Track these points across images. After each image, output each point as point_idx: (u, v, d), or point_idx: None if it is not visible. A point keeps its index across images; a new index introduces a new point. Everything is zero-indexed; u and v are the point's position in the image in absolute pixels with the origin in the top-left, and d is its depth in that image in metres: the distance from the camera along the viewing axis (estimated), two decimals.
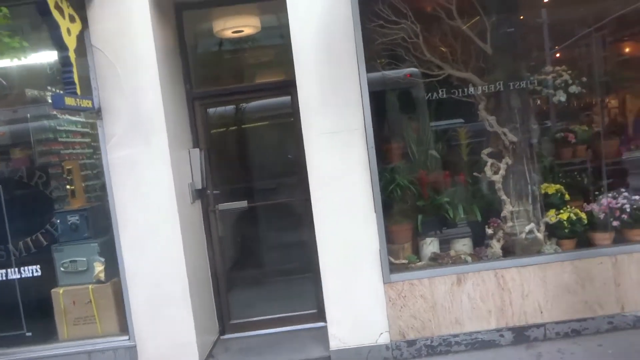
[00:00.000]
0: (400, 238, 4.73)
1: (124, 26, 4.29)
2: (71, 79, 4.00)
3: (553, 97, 4.86)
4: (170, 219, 4.37)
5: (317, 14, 4.28)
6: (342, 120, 4.32)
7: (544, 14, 5.45)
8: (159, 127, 4.32)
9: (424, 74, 4.71)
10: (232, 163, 5.92)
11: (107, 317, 4.59)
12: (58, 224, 4.65)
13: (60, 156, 5.11)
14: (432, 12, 4.62)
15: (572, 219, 4.59)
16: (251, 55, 5.72)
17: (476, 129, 5.00)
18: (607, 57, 5.59)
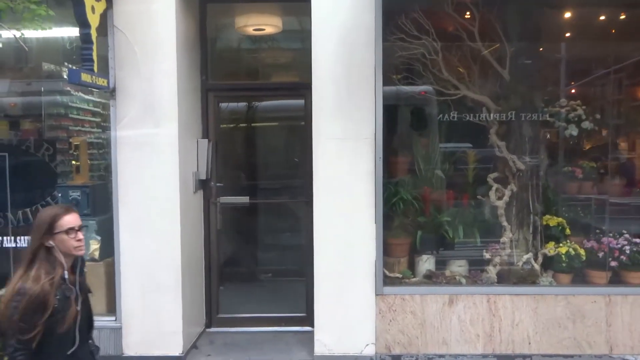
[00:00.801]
0: (397, 252, 4.72)
1: (147, 10, 4.32)
2: (90, 56, 4.02)
3: (565, 131, 4.87)
4: (171, 205, 4.37)
5: (340, 21, 4.30)
6: (353, 128, 4.33)
7: (564, 49, 5.46)
8: (170, 113, 4.34)
9: (439, 92, 4.73)
10: (238, 158, 5.94)
11: (96, 295, 4.41)
12: (59, 197, 4.66)
13: (69, 132, 5.14)
14: (454, 32, 4.65)
15: (571, 254, 4.58)
16: (269, 54, 5.75)
17: (484, 154, 5.01)
18: (622, 100, 5.59)
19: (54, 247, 2.27)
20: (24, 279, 2.20)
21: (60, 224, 2.29)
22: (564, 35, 5.37)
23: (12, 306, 2.15)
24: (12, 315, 2.15)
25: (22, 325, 2.14)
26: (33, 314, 2.15)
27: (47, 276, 2.22)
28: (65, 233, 2.29)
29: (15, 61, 5.35)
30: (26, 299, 2.14)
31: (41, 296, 2.16)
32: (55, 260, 2.27)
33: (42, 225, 2.28)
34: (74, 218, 2.35)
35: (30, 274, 2.21)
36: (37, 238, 2.27)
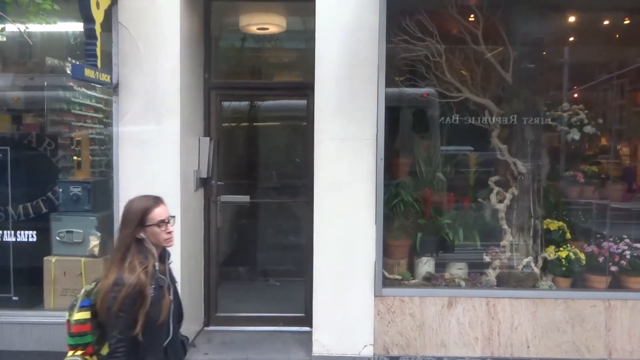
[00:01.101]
0: (397, 253, 4.72)
1: (152, 7, 4.32)
2: (93, 51, 4.03)
3: (567, 135, 4.86)
4: (172, 202, 4.22)
5: (344, 21, 4.30)
6: (355, 129, 4.32)
7: (567, 54, 5.47)
8: (173, 111, 4.34)
9: (442, 94, 4.73)
10: (239, 157, 5.94)
11: None
12: (60, 192, 4.66)
13: (71, 127, 5.14)
14: (458, 35, 4.66)
15: (571, 258, 4.58)
16: (272, 54, 5.75)
17: (485, 157, 5.01)
18: (624, 105, 5.59)
19: (145, 239, 2.27)
20: (120, 270, 2.19)
21: (152, 217, 2.29)
22: (568, 40, 5.38)
23: (111, 297, 2.14)
24: (110, 306, 2.14)
25: (122, 316, 2.13)
26: (132, 305, 2.14)
27: (141, 266, 2.22)
28: (157, 225, 2.30)
29: (19, 55, 5.36)
30: (124, 289, 2.14)
31: (138, 286, 2.16)
32: (147, 251, 2.27)
33: (134, 218, 2.28)
34: (164, 210, 2.36)
35: (124, 265, 2.20)
36: (130, 230, 2.27)
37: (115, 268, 2.21)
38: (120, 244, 2.27)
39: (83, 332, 2.25)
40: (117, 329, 2.14)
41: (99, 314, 2.22)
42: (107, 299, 2.15)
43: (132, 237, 2.26)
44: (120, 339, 2.14)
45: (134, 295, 2.14)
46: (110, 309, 2.14)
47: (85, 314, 2.24)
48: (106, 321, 2.18)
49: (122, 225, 2.31)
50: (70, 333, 2.26)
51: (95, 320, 2.25)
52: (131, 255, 2.23)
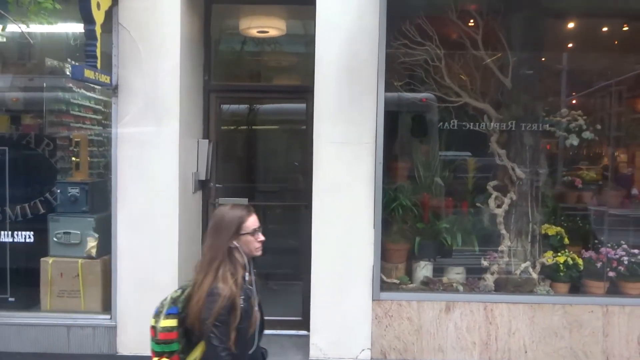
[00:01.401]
0: (395, 257, 4.71)
1: (152, 9, 4.33)
2: (93, 52, 4.03)
3: (565, 140, 4.87)
4: (170, 204, 4.36)
5: (344, 25, 4.30)
6: (354, 132, 4.33)
7: (566, 60, 5.49)
8: (172, 112, 4.34)
9: (441, 99, 4.75)
10: (238, 160, 5.93)
11: (92, 293, 4.56)
12: (58, 193, 4.64)
13: (70, 129, 5.13)
14: (458, 39, 4.68)
15: (569, 263, 4.58)
16: (272, 57, 5.76)
17: (484, 162, 5.01)
18: (623, 112, 5.62)
19: (237, 248, 2.25)
20: (214, 280, 2.17)
21: (246, 226, 2.27)
22: (567, 46, 5.42)
23: (206, 307, 2.12)
24: (206, 317, 2.11)
25: (219, 326, 2.11)
26: (227, 316, 2.12)
27: (232, 278, 2.19)
28: (251, 234, 2.28)
29: (18, 56, 5.36)
30: (220, 300, 2.11)
31: (231, 297, 2.14)
32: (237, 261, 2.25)
33: (230, 227, 2.25)
34: (255, 219, 2.33)
35: (218, 275, 2.18)
36: (225, 239, 2.24)
37: (209, 277, 2.18)
38: (213, 253, 2.23)
39: (170, 340, 2.21)
40: (216, 338, 2.12)
41: (188, 323, 2.19)
42: (202, 310, 2.13)
43: (226, 247, 2.23)
44: (222, 348, 2.12)
45: (228, 306, 2.12)
46: (205, 320, 2.12)
47: (172, 322, 2.20)
48: (200, 331, 2.16)
49: (215, 234, 2.27)
50: (157, 340, 2.22)
51: (182, 329, 2.22)
52: (223, 265, 2.21)
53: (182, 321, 2.20)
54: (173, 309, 2.21)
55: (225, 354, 2.12)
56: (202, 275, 2.20)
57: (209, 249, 2.25)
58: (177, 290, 2.29)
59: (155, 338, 2.21)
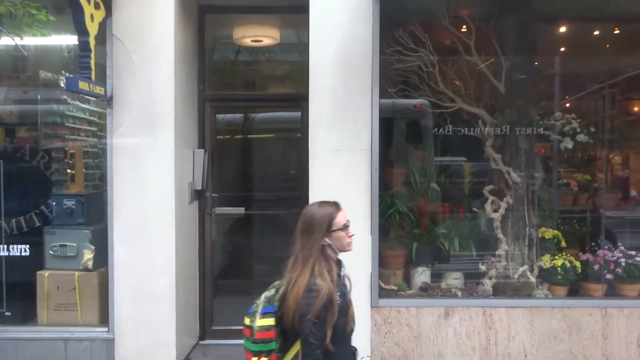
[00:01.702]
0: (393, 264, 4.70)
1: (146, 19, 4.33)
2: (88, 64, 4.03)
3: (560, 144, 4.89)
4: (167, 215, 4.35)
5: (338, 33, 4.32)
6: (350, 139, 4.33)
7: (559, 64, 5.53)
8: (167, 123, 4.34)
9: (435, 104, 4.76)
10: (234, 169, 5.92)
11: (89, 306, 4.52)
12: (53, 206, 4.60)
13: (65, 141, 5.13)
14: (451, 45, 4.70)
15: (567, 266, 4.58)
16: (266, 66, 5.78)
17: (479, 167, 5.03)
18: (616, 114, 5.66)
19: (330, 245, 2.26)
20: (311, 276, 2.17)
21: (337, 222, 2.29)
22: (559, 50, 5.45)
23: (305, 303, 2.12)
24: (305, 313, 2.11)
25: (317, 323, 2.10)
26: (325, 312, 2.12)
27: (329, 274, 2.20)
28: (342, 230, 2.30)
29: (12, 69, 5.35)
30: (320, 296, 2.12)
31: (330, 294, 2.14)
32: (330, 258, 2.26)
33: (322, 224, 2.27)
34: (345, 214, 2.36)
35: (314, 271, 2.19)
36: (317, 237, 2.25)
37: (304, 275, 2.18)
38: (306, 251, 2.24)
39: (268, 339, 2.22)
40: (313, 335, 2.11)
41: (285, 321, 2.20)
42: (301, 306, 2.13)
43: (319, 243, 2.24)
44: (317, 346, 2.12)
45: (326, 302, 2.13)
46: (304, 316, 2.11)
47: (269, 320, 2.21)
48: (298, 328, 2.15)
49: (306, 232, 2.28)
50: (254, 340, 2.23)
51: (279, 327, 2.22)
52: (318, 263, 2.22)
53: (278, 320, 2.21)
54: (269, 308, 2.23)
55: (320, 351, 2.12)
56: (296, 274, 2.20)
57: (301, 248, 2.26)
58: (271, 289, 2.30)
59: (252, 337, 2.23)
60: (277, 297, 2.24)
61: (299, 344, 2.18)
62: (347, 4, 4.30)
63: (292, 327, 2.18)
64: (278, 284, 2.30)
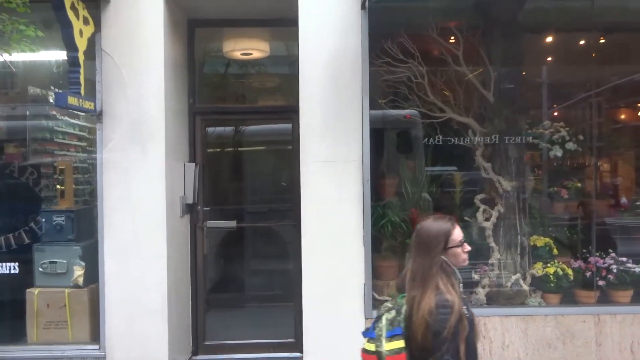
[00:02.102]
0: (386, 274, 4.69)
1: (136, 34, 4.33)
2: (77, 79, 4.02)
3: (549, 152, 4.93)
4: (158, 229, 4.32)
5: (327, 45, 4.35)
6: (341, 151, 4.34)
7: (546, 73, 5.60)
8: (157, 137, 4.33)
9: (425, 115, 4.79)
10: (225, 182, 5.90)
11: (79, 323, 4.46)
12: (43, 222, 4.55)
13: (54, 156, 5.08)
14: (439, 56, 4.74)
15: (559, 274, 4.59)
16: (256, 78, 5.79)
17: (470, 176, 5.05)
18: (603, 122, 5.72)
19: (445, 261, 2.24)
20: (438, 293, 2.15)
21: (453, 239, 2.27)
22: (546, 60, 5.52)
23: (439, 320, 2.09)
24: (440, 330, 2.08)
25: (453, 339, 2.07)
26: (457, 327, 2.09)
27: (453, 289, 2.19)
28: (458, 246, 2.28)
29: (1, 85, 5.32)
30: (452, 312, 2.09)
31: (460, 308, 2.12)
32: (449, 273, 2.24)
33: (439, 241, 2.25)
34: (460, 230, 2.33)
35: (440, 288, 2.16)
36: (435, 254, 2.23)
37: (428, 292, 2.15)
38: (425, 269, 2.21)
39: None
40: (449, 352, 2.08)
41: (412, 342, 2.16)
42: (434, 324, 2.09)
43: (438, 261, 2.22)
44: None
45: (458, 317, 2.10)
46: (439, 334, 2.08)
47: (399, 343, 2.16)
48: (431, 347, 2.11)
49: (423, 250, 2.26)
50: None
51: (408, 349, 2.18)
52: (440, 279, 2.19)
53: (406, 341, 2.17)
54: (397, 330, 2.19)
55: None
56: (418, 292, 2.17)
57: (420, 265, 2.24)
58: (390, 311, 2.25)
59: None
60: (399, 319, 2.20)
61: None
62: (335, 17, 4.34)
63: (421, 348, 2.14)
64: (395, 304, 2.27)
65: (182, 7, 4.75)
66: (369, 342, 2.23)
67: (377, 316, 2.28)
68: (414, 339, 2.14)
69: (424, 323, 2.11)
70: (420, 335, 2.12)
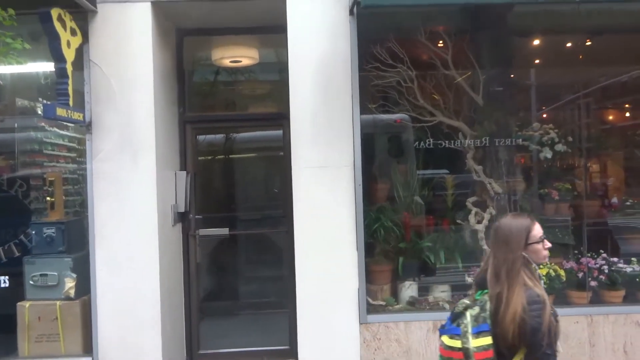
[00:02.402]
0: (380, 279, 4.69)
1: (124, 44, 4.32)
2: (65, 90, 4.00)
3: (539, 154, 4.96)
4: (150, 239, 4.29)
5: (317, 51, 4.35)
6: (332, 156, 4.34)
7: (534, 76, 5.64)
8: (148, 146, 4.31)
9: (416, 119, 4.81)
10: (217, 190, 5.89)
11: (72, 336, 4.41)
12: (33, 235, 4.51)
13: (43, 168, 5.04)
14: (428, 60, 4.77)
15: (551, 275, 4.61)
16: (246, 86, 5.78)
17: (462, 179, 5.07)
18: (591, 123, 5.77)
19: (527, 257, 2.25)
20: (526, 289, 2.16)
21: (534, 235, 2.27)
22: (534, 62, 5.56)
23: (534, 316, 2.10)
24: (536, 326, 2.09)
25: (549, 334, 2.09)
26: (549, 321, 2.11)
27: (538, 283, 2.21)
28: (538, 243, 2.28)
29: None
30: (545, 306, 2.11)
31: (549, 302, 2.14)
32: (531, 269, 2.25)
33: (520, 238, 2.25)
34: (539, 226, 2.33)
35: (526, 283, 2.17)
36: (517, 250, 2.23)
37: (515, 288, 2.16)
38: (508, 265, 2.22)
39: (488, 359, 2.17)
40: (548, 346, 2.10)
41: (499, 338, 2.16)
42: (529, 320, 2.10)
43: (520, 257, 2.23)
44: (553, 356, 2.12)
45: (549, 311, 2.12)
46: (537, 330, 2.09)
47: (487, 339, 2.16)
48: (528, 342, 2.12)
49: (503, 246, 2.27)
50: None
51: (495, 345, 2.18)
52: (524, 274, 2.21)
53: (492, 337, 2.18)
54: (484, 326, 2.19)
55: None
56: (504, 288, 2.18)
57: (502, 262, 2.24)
58: (473, 307, 2.25)
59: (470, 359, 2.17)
60: (483, 315, 2.21)
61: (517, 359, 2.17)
62: (324, 23, 4.35)
63: (510, 344, 2.15)
64: (475, 301, 2.28)
65: (170, 16, 4.74)
66: (452, 339, 2.23)
67: (456, 312, 2.29)
68: (502, 335, 2.15)
69: (516, 320, 2.12)
70: (511, 331, 2.13)
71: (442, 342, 2.27)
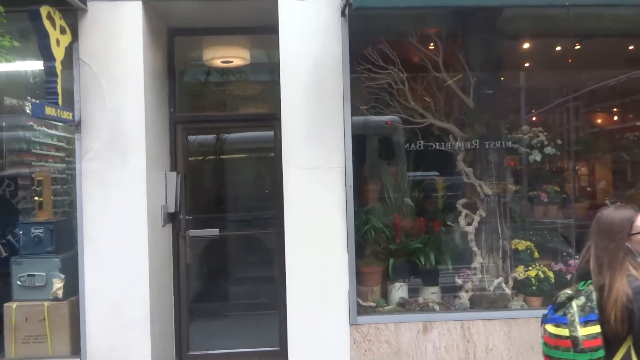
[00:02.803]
0: (370, 280, 4.69)
1: (114, 43, 4.29)
2: (54, 89, 3.97)
3: (529, 156, 4.99)
4: (139, 240, 4.26)
5: (308, 52, 4.35)
6: (323, 157, 4.33)
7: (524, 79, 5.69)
8: (137, 146, 4.28)
9: (406, 120, 4.82)
10: (207, 191, 5.87)
11: (60, 337, 4.37)
12: (21, 235, 4.47)
13: (32, 168, 5.00)
14: (419, 63, 4.78)
15: (540, 277, 4.64)
16: (237, 86, 5.78)
17: (452, 181, 5.09)
18: (580, 126, 5.82)
19: (630, 247, 2.27)
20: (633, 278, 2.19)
21: (637, 225, 2.29)
22: (524, 65, 5.60)
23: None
24: None
25: None
26: None
27: None
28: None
29: None
30: None
31: None
32: (633, 260, 2.26)
33: (622, 228, 2.28)
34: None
35: (632, 272, 2.21)
36: (620, 241, 2.27)
37: (619, 277, 2.20)
38: (610, 255, 2.26)
39: (596, 347, 2.20)
40: None
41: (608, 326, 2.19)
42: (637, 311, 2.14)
43: (623, 247, 2.26)
44: None
45: None
46: None
47: (596, 328, 2.20)
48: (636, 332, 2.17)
49: (606, 237, 2.30)
50: (581, 349, 2.21)
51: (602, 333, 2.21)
52: (630, 264, 2.24)
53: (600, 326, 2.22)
54: (592, 316, 2.22)
55: None
56: (608, 278, 2.23)
57: (604, 252, 2.28)
58: (579, 297, 2.27)
59: (579, 347, 2.20)
60: (590, 305, 2.24)
61: (624, 347, 2.21)
62: (316, 24, 4.35)
63: (615, 332, 2.19)
64: (583, 291, 2.29)
65: (161, 15, 4.72)
66: (558, 327, 2.27)
67: (559, 302, 2.32)
68: (608, 324, 2.20)
69: (620, 309, 2.17)
70: (612, 316, 2.18)
71: (547, 331, 2.32)
